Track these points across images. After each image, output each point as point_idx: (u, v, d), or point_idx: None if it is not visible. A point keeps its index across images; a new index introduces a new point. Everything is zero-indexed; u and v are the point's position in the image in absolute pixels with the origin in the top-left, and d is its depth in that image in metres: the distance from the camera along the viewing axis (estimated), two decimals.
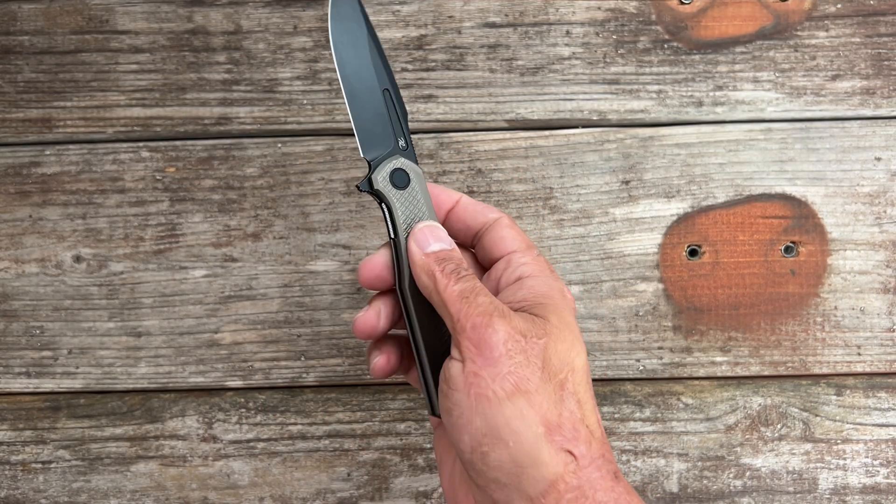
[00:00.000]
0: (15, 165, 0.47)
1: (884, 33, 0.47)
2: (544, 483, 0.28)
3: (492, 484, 0.29)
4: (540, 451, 0.29)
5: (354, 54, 0.36)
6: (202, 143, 0.47)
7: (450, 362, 0.31)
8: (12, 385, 0.48)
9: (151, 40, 0.47)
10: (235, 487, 0.48)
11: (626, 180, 0.47)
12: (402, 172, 0.35)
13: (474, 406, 0.29)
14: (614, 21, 0.47)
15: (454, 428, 0.30)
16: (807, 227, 0.47)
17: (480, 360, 0.29)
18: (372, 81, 0.36)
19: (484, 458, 0.29)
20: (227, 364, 0.48)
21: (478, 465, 0.30)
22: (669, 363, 0.47)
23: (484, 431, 0.29)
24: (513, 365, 0.29)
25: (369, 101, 0.36)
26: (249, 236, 0.47)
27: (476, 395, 0.29)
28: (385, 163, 0.35)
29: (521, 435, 0.29)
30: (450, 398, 0.30)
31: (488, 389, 0.29)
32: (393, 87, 0.36)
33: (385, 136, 0.36)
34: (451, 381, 0.30)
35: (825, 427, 0.47)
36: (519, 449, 0.29)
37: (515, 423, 0.29)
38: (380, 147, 0.35)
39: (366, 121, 0.36)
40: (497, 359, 0.29)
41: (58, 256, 0.47)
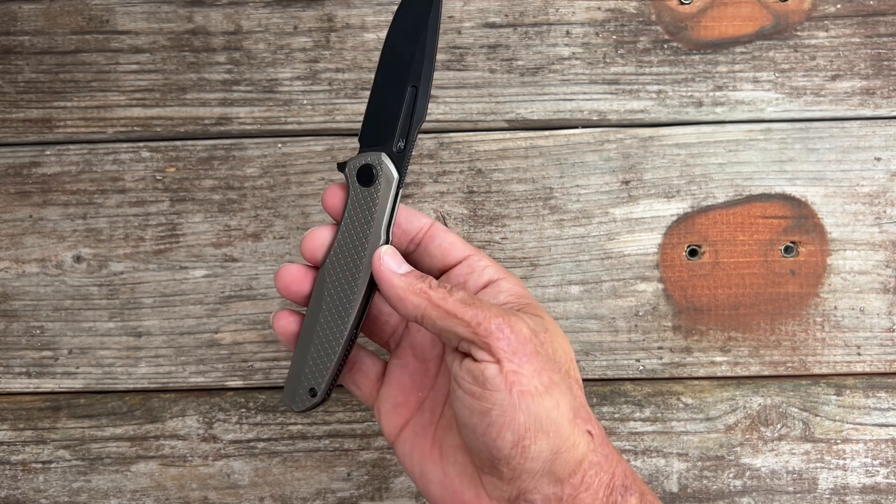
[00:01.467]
0: (15, 165, 0.47)
1: (884, 33, 0.47)
2: (573, 464, 0.31)
3: (524, 475, 0.31)
4: (572, 435, 0.31)
5: (404, 41, 0.35)
6: (202, 144, 0.47)
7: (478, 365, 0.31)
8: (12, 385, 0.48)
9: (152, 40, 0.47)
10: (235, 487, 0.48)
11: (626, 180, 0.47)
12: (369, 169, 0.34)
13: (518, 403, 0.30)
14: (614, 21, 0.47)
15: (492, 427, 0.31)
16: (806, 227, 0.47)
17: (517, 358, 0.31)
18: (404, 74, 0.35)
19: (525, 451, 0.30)
20: (228, 364, 0.48)
21: (516, 460, 0.31)
22: (669, 363, 0.47)
23: (527, 426, 0.30)
24: (543, 360, 0.31)
25: (392, 91, 0.35)
26: (249, 236, 0.47)
27: (520, 393, 0.30)
28: (366, 155, 0.34)
29: (559, 424, 0.31)
30: (487, 399, 0.31)
31: (530, 385, 0.30)
32: (423, 88, 0.35)
33: (388, 131, 0.35)
34: (488, 383, 0.31)
35: (825, 427, 0.47)
36: (557, 437, 0.30)
37: (554, 414, 0.30)
38: (377, 139, 0.35)
39: (378, 108, 0.35)
40: (532, 354, 0.31)
41: (58, 256, 0.47)
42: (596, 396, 0.48)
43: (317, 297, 0.35)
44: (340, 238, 0.35)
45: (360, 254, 0.34)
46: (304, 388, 0.35)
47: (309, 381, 0.35)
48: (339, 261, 0.35)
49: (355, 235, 0.34)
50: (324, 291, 0.35)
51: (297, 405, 0.36)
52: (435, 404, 0.36)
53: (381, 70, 0.35)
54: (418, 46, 0.35)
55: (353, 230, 0.34)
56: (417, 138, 0.47)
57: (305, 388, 0.35)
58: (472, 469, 0.33)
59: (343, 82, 0.47)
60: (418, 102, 0.35)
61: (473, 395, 0.31)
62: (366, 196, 0.34)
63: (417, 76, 0.35)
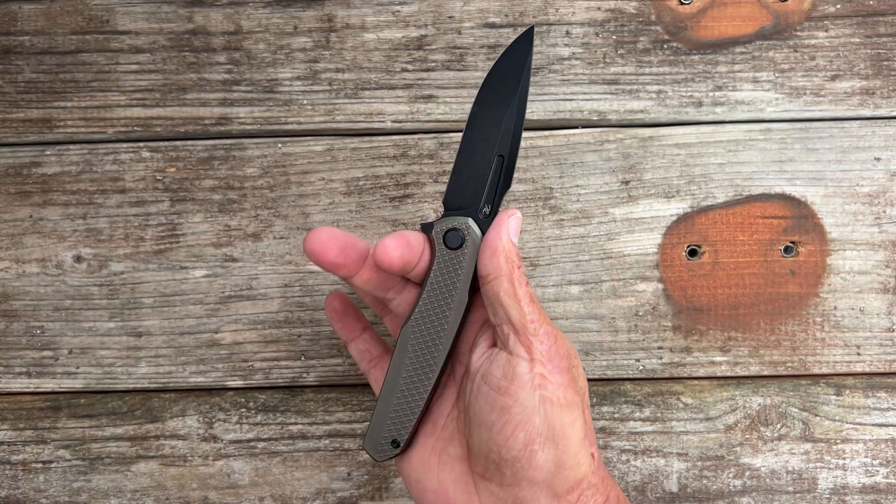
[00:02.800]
0: (15, 165, 0.47)
1: (883, 33, 0.47)
2: (574, 481, 0.32)
3: (524, 482, 0.32)
4: (579, 454, 0.32)
5: (492, 109, 0.35)
6: (202, 144, 0.47)
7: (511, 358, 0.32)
8: (13, 385, 0.48)
9: (152, 40, 0.47)
10: (236, 487, 0.48)
11: (626, 180, 0.47)
12: (457, 234, 0.35)
13: (538, 406, 0.31)
14: (614, 21, 0.47)
15: (507, 425, 0.32)
16: (806, 227, 0.47)
17: (550, 365, 0.32)
18: (493, 143, 0.35)
19: (532, 455, 0.31)
20: (228, 364, 0.48)
21: (521, 463, 0.31)
22: (669, 363, 0.47)
23: (540, 431, 0.31)
24: (570, 378, 0.32)
25: (480, 158, 0.35)
26: (250, 236, 0.47)
27: (542, 397, 0.31)
28: (454, 219, 0.35)
29: (570, 439, 0.32)
30: (510, 394, 0.32)
31: (554, 394, 0.32)
32: (510, 156, 0.35)
33: (474, 196, 0.35)
34: (514, 378, 0.32)
35: (825, 427, 0.47)
36: (565, 451, 0.31)
37: (568, 429, 0.32)
38: (463, 203, 0.35)
39: (464, 173, 0.35)
40: (564, 369, 0.32)
41: (58, 256, 0.48)
42: (596, 396, 0.48)
43: (400, 353, 0.36)
44: (426, 297, 0.35)
45: (445, 313, 0.35)
46: (387, 439, 0.36)
47: (391, 432, 0.36)
48: (424, 319, 0.35)
49: (441, 296, 0.35)
50: (408, 348, 0.36)
51: (380, 455, 0.37)
52: (438, 415, 0.37)
53: (469, 133, 0.35)
54: (507, 116, 0.35)
55: (439, 291, 0.35)
56: (417, 139, 0.47)
57: (387, 440, 0.36)
58: (468, 477, 0.34)
59: (343, 82, 0.47)
60: (505, 172, 0.35)
61: (499, 391, 0.32)
62: (452, 259, 0.35)
63: (506, 147, 0.35)
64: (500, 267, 0.33)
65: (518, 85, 0.35)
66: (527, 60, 0.35)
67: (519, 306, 0.32)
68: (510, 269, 0.33)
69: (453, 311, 0.35)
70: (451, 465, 0.35)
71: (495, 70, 0.36)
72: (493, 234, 0.34)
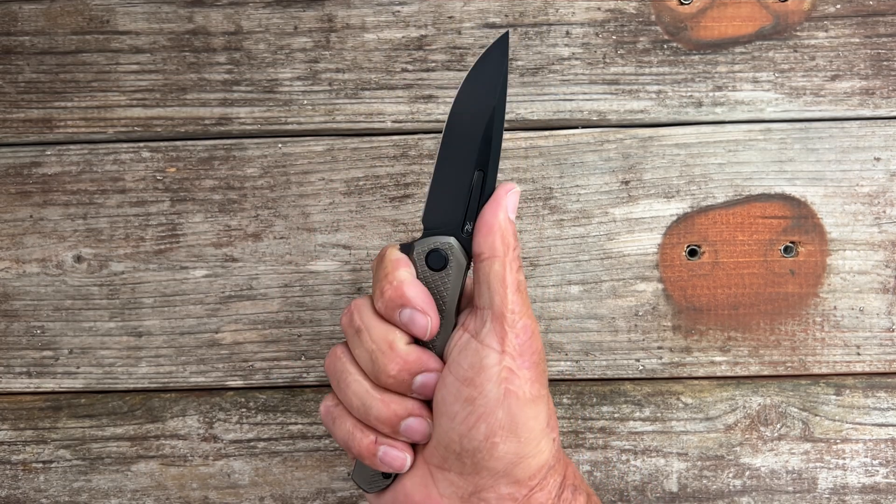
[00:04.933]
0: (16, 165, 0.47)
1: (883, 33, 0.47)
2: (535, 468, 0.32)
3: (484, 471, 0.31)
4: (541, 443, 0.32)
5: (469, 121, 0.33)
6: (203, 144, 0.47)
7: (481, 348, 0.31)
8: (13, 385, 0.48)
9: (152, 41, 0.47)
10: (236, 487, 0.48)
11: (626, 180, 0.47)
12: (439, 255, 0.33)
13: (502, 399, 0.31)
14: (614, 21, 0.47)
15: (471, 415, 0.31)
16: (806, 227, 0.47)
17: (520, 360, 0.31)
18: (471, 158, 0.33)
19: (493, 448, 0.31)
20: (228, 364, 0.48)
21: (481, 454, 0.31)
22: (669, 363, 0.47)
23: (503, 424, 0.31)
24: (539, 373, 0.32)
25: (459, 173, 0.33)
26: (250, 236, 0.47)
27: (507, 391, 0.31)
28: (433, 239, 0.33)
29: (533, 432, 0.31)
30: (475, 386, 0.31)
31: (520, 389, 0.31)
32: (491, 172, 0.33)
33: (455, 213, 0.33)
34: (481, 370, 0.31)
35: (824, 427, 0.47)
36: (527, 443, 0.31)
37: (531, 423, 0.31)
38: (443, 221, 0.33)
39: (443, 190, 0.33)
40: (534, 364, 0.32)
41: (58, 256, 0.48)
42: (596, 396, 0.48)
43: None
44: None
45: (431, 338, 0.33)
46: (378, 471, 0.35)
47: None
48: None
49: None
50: None
51: (372, 487, 0.35)
52: None
53: (445, 148, 0.33)
54: (485, 130, 0.33)
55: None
56: (417, 139, 0.47)
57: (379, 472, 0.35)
58: (424, 470, 0.33)
59: (343, 82, 0.47)
60: (486, 187, 0.33)
61: (464, 381, 0.31)
62: (436, 280, 0.33)
63: (485, 161, 0.33)
64: (495, 247, 0.32)
65: (495, 94, 0.33)
66: (503, 69, 0.33)
67: (504, 293, 0.31)
68: (505, 250, 0.32)
69: (440, 335, 0.33)
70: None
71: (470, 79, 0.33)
72: (491, 210, 0.32)
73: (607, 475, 0.47)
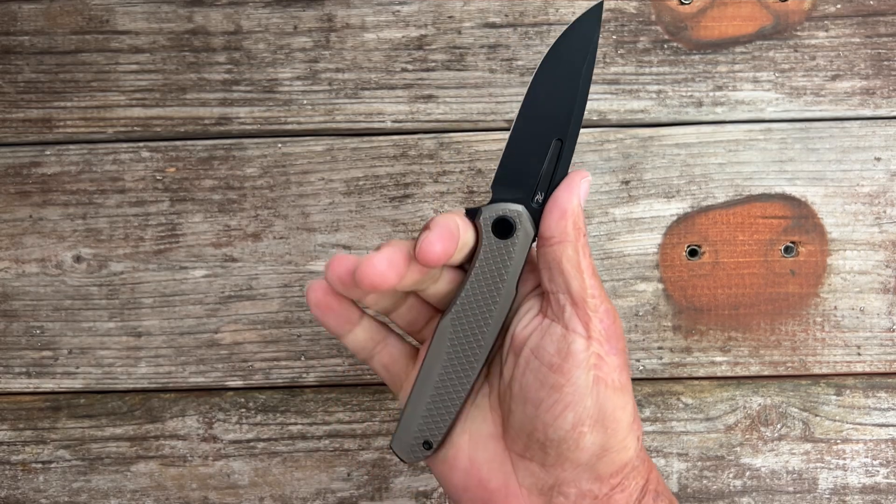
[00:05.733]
0: (15, 165, 0.47)
1: (883, 33, 0.47)
2: (619, 465, 0.30)
3: (567, 463, 0.30)
4: (627, 437, 0.31)
5: (553, 89, 0.32)
6: (202, 144, 0.47)
7: (567, 334, 0.30)
8: (12, 385, 0.48)
9: (152, 40, 0.47)
10: (235, 487, 0.48)
11: (626, 180, 0.47)
12: (507, 223, 0.32)
13: (591, 387, 0.30)
14: (614, 21, 0.47)
15: (557, 404, 0.30)
16: (806, 227, 0.47)
17: (607, 346, 0.30)
18: (550, 126, 0.32)
19: (580, 438, 0.30)
20: (228, 364, 0.48)
21: (567, 444, 0.30)
22: (669, 363, 0.47)
23: (591, 413, 0.30)
24: (625, 361, 0.31)
25: (536, 142, 0.32)
26: (249, 236, 0.47)
27: (597, 378, 0.30)
28: (502, 205, 0.32)
29: (620, 423, 0.30)
30: (563, 373, 0.30)
31: (609, 376, 0.30)
32: (569, 142, 0.32)
33: (527, 183, 0.32)
34: (569, 356, 0.30)
35: (825, 427, 0.47)
36: (613, 435, 0.30)
37: (619, 413, 0.30)
38: (513, 190, 0.32)
39: (518, 157, 0.32)
40: (620, 351, 0.31)
41: (58, 256, 0.47)
42: None
43: (437, 347, 0.33)
44: (470, 289, 0.32)
45: (489, 307, 0.32)
46: (418, 440, 0.34)
47: (424, 433, 0.34)
48: (466, 312, 0.33)
49: (486, 288, 0.32)
50: (447, 342, 0.33)
51: (410, 457, 0.34)
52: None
53: (524, 115, 0.32)
54: (568, 100, 0.32)
55: (485, 282, 0.32)
56: (417, 139, 0.47)
57: (419, 441, 0.34)
58: (505, 456, 0.32)
59: (343, 82, 0.47)
60: (562, 158, 0.32)
61: (551, 368, 0.30)
62: (501, 250, 0.32)
63: (564, 131, 0.32)
64: (567, 231, 0.31)
65: (584, 63, 0.32)
66: (594, 37, 0.32)
67: (581, 277, 0.30)
68: (577, 235, 0.31)
69: (499, 305, 0.32)
70: (485, 443, 0.33)
71: (557, 47, 0.32)
72: (564, 194, 0.31)
73: None
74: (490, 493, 0.32)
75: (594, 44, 0.32)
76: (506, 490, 0.32)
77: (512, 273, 0.32)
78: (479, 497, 0.32)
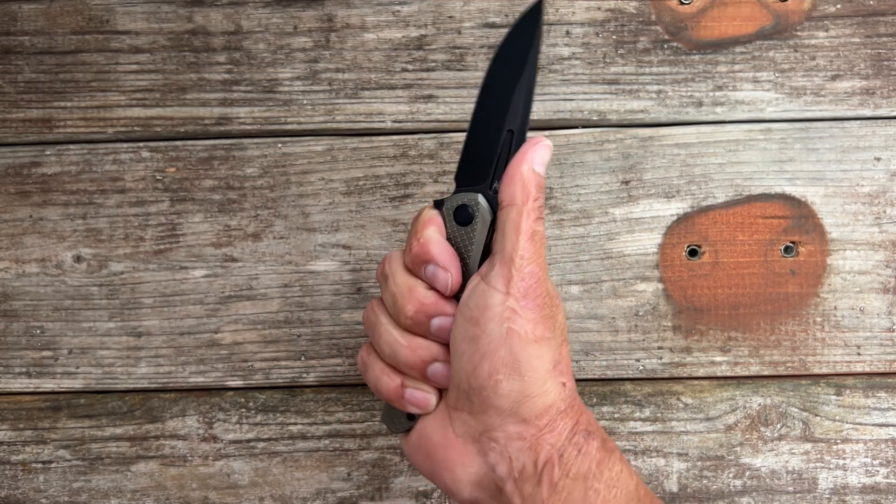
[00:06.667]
0: (15, 165, 0.47)
1: (883, 33, 0.47)
2: (541, 408, 0.33)
3: (491, 409, 0.33)
4: (546, 383, 0.33)
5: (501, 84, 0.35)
6: (202, 144, 0.47)
7: (487, 290, 0.33)
8: (12, 385, 0.48)
9: (152, 40, 0.47)
10: (235, 487, 0.48)
11: (626, 180, 0.47)
12: (466, 210, 0.35)
13: (504, 338, 0.32)
14: (614, 21, 0.47)
15: (476, 354, 0.33)
16: (806, 227, 0.47)
17: (524, 301, 0.32)
18: (502, 117, 0.35)
19: (496, 385, 0.32)
20: (228, 364, 0.48)
21: (486, 391, 0.32)
22: (669, 363, 0.47)
23: (505, 362, 0.32)
24: (543, 316, 0.33)
25: (489, 133, 0.35)
26: (249, 236, 0.47)
27: (509, 330, 0.32)
28: (462, 195, 0.35)
29: (537, 371, 0.32)
30: (479, 325, 0.32)
31: (522, 329, 0.32)
32: (519, 131, 0.35)
33: (484, 172, 0.35)
34: (486, 310, 0.32)
35: (825, 427, 0.47)
36: (531, 382, 0.32)
37: (535, 362, 0.32)
38: (473, 179, 0.35)
39: (474, 149, 0.35)
40: (538, 306, 0.33)
41: (58, 256, 0.47)
42: (596, 396, 0.48)
43: None
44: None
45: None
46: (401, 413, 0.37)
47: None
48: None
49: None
50: None
51: (398, 428, 0.37)
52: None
53: (479, 109, 0.35)
54: (517, 92, 0.35)
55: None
56: (417, 138, 0.47)
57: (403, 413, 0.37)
58: (444, 412, 0.35)
59: (343, 82, 0.47)
60: (514, 146, 0.35)
61: (470, 321, 0.33)
62: (463, 235, 0.35)
63: (514, 121, 0.35)
64: (514, 195, 0.33)
65: (526, 58, 0.35)
66: (535, 33, 0.35)
67: (516, 238, 0.33)
68: (524, 199, 0.33)
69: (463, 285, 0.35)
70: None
71: (504, 45, 0.35)
72: (515, 162, 0.34)
73: None
74: (433, 446, 0.35)
75: (537, 39, 0.35)
76: (445, 441, 0.34)
77: (473, 256, 0.35)
78: (427, 452, 0.35)
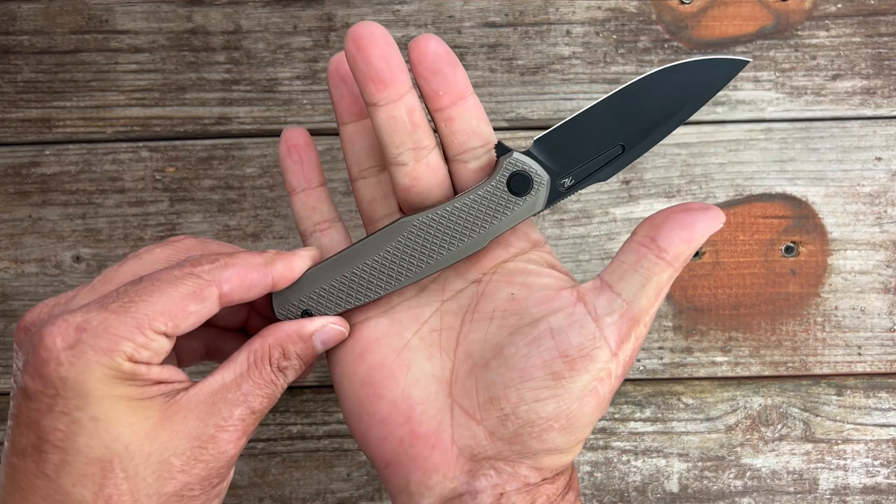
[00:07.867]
0: (14, 165, 0.47)
1: (884, 33, 0.47)
2: (562, 466, 0.31)
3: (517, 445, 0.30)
4: (578, 447, 0.31)
5: (658, 105, 0.31)
6: (202, 143, 0.47)
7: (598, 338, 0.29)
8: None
9: (151, 40, 0.47)
10: (235, 487, 0.48)
11: (627, 180, 0.47)
12: (525, 183, 0.30)
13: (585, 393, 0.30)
14: (614, 21, 0.47)
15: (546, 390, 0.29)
16: (807, 227, 0.47)
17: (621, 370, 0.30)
18: (625, 129, 0.31)
19: (547, 430, 0.30)
20: None
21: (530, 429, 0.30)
22: (670, 363, 0.47)
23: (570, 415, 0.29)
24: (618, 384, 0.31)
25: (603, 132, 0.31)
26: (249, 236, 0.47)
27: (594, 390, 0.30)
28: (534, 165, 0.30)
29: (583, 434, 0.31)
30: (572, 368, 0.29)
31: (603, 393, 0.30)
32: (628, 155, 0.31)
33: (568, 160, 0.31)
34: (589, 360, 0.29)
35: (825, 427, 0.47)
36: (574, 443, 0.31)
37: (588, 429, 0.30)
38: (552, 157, 0.31)
39: (576, 134, 0.31)
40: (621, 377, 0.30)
41: (57, 256, 0.47)
42: None
43: (381, 239, 0.32)
44: (448, 211, 0.31)
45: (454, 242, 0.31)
46: (298, 308, 0.32)
47: (313, 302, 0.32)
48: (432, 231, 0.31)
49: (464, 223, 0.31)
50: (394, 240, 0.31)
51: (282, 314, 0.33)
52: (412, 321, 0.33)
53: (610, 104, 0.31)
54: (656, 121, 0.31)
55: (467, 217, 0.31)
56: None
57: (298, 309, 0.32)
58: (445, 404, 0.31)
59: None
60: (613, 163, 0.31)
61: (564, 358, 0.29)
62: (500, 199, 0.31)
63: (632, 144, 0.31)
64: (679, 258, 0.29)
65: (702, 100, 0.31)
66: (719, 85, 0.31)
67: (653, 302, 0.29)
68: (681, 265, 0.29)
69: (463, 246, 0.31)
70: (426, 382, 0.31)
71: (685, 69, 0.31)
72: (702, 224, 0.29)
73: (608, 476, 0.47)
74: (416, 436, 0.30)
75: (715, 91, 0.31)
76: (435, 439, 0.30)
77: (493, 229, 0.31)
78: (400, 436, 0.30)
